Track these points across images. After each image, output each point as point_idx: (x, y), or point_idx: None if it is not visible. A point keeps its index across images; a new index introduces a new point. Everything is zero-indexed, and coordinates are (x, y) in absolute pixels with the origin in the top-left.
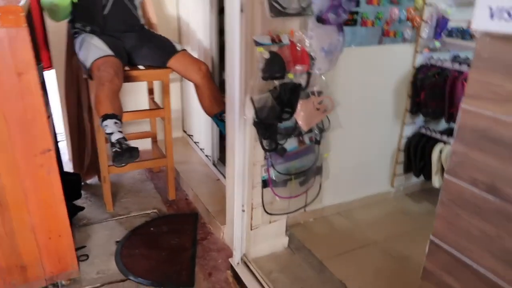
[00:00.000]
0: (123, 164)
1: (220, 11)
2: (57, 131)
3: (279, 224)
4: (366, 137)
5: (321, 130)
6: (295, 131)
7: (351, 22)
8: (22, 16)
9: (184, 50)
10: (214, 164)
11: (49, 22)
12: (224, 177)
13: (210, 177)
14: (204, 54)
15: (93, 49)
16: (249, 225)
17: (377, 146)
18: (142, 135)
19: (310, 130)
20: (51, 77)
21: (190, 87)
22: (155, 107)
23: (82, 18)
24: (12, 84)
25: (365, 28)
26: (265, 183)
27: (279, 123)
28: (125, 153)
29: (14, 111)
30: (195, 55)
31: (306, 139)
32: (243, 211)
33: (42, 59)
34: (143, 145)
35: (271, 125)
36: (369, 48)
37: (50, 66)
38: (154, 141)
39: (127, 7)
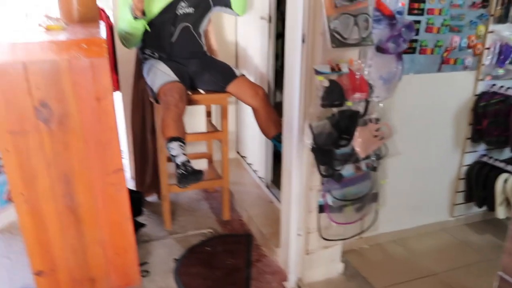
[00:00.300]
0: (187, 186)
1: (277, 37)
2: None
3: (334, 249)
4: (425, 164)
5: (379, 156)
6: (352, 157)
7: (410, 50)
8: (105, 47)
9: (243, 75)
10: (267, 186)
11: (119, 48)
12: (278, 199)
13: (263, 199)
14: (260, 78)
15: (160, 74)
16: (304, 250)
17: (436, 173)
18: (198, 156)
19: (367, 157)
20: (117, 98)
21: (245, 110)
22: (212, 129)
23: (151, 45)
24: (92, 108)
25: (424, 56)
26: (321, 208)
27: (336, 150)
28: (190, 175)
29: (93, 133)
30: (252, 79)
31: (363, 165)
32: (299, 235)
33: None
34: (199, 165)
35: (328, 151)
36: (428, 75)
37: (117, 89)
38: (210, 162)
39: (193, 35)
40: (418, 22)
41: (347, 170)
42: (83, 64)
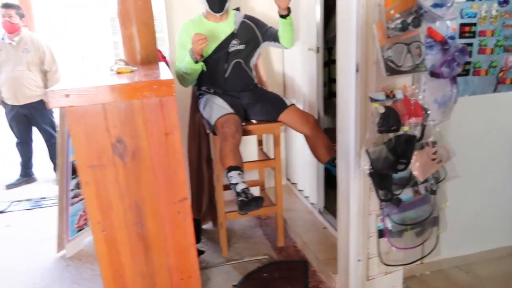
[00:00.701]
0: (248, 212)
1: (324, 65)
2: None
3: (395, 275)
4: (487, 187)
5: (437, 180)
6: (410, 181)
7: (463, 72)
8: (173, 87)
9: (293, 104)
10: (320, 212)
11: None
12: (331, 225)
13: (317, 225)
14: (309, 106)
15: (216, 108)
16: (365, 276)
17: (501, 196)
18: (251, 183)
19: (426, 180)
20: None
21: (294, 137)
22: (264, 157)
23: (207, 82)
24: (161, 142)
25: (478, 78)
26: (381, 233)
27: (394, 174)
28: (251, 202)
29: (161, 165)
30: (301, 107)
31: (422, 189)
32: (359, 260)
33: None
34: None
35: (386, 175)
36: (483, 96)
37: None
38: (262, 189)
39: (244, 70)
40: (470, 44)
41: (406, 194)
42: (154, 103)
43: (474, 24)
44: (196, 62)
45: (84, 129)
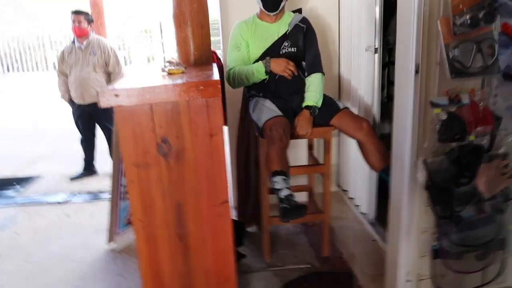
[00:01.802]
0: (290, 220)
1: (382, 66)
2: None
3: None
4: None
5: (507, 197)
6: (474, 197)
7: None
8: (219, 88)
9: (346, 108)
10: (370, 223)
11: (227, 86)
12: (382, 238)
13: (366, 237)
14: (364, 110)
15: (265, 110)
16: None
17: None
18: (299, 188)
19: (493, 197)
20: (225, 133)
21: (348, 142)
22: (314, 162)
23: (257, 84)
24: (205, 143)
25: None
26: (436, 253)
27: (455, 188)
28: (294, 210)
29: (204, 167)
30: (356, 110)
31: (487, 207)
32: (408, 281)
33: None
34: (300, 197)
35: (446, 189)
36: None
37: (225, 124)
38: (311, 195)
39: (296, 72)
40: None
41: (467, 211)
42: (199, 104)
43: None
44: (266, 73)
45: (131, 128)
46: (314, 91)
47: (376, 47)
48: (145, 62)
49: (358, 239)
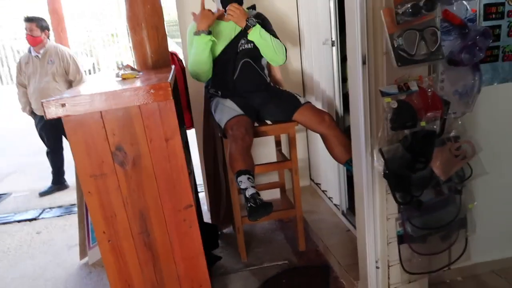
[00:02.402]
0: (257, 219)
1: (343, 59)
2: (198, 183)
3: (420, 283)
4: None
5: (462, 178)
6: (431, 181)
7: (490, 58)
8: (170, 90)
9: (308, 102)
10: (343, 214)
11: (191, 87)
12: (355, 227)
13: (340, 228)
14: (327, 103)
15: (226, 110)
16: (386, 284)
17: None
18: (271, 186)
19: (449, 179)
20: (192, 135)
21: (316, 135)
22: (282, 158)
23: (215, 83)
24: (161, 148)
25: (509, 63)
26: (401, 239)
27: (412, 174)
28: (259, 208)
29: (163, 172)
30: (319, 104)
31: (445, 189)
32: (377, 268)
33: (185, 120)
34: (272, 195)
35: (403, 176)
36: None
37: (191, 126)
38: (283, 190)
39: (255, 69)
40: (498, 26)
41: (427, 195)
42: (151, 108)
43: (502, 4)
44: (206, 34)
45: (83, 138)
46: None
47: (333, 40)
48: (114, 68)
49: (332, 231)
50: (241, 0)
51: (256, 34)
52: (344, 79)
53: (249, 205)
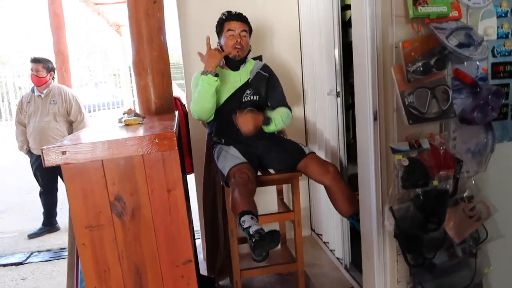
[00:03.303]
0: (264, 254)
1: (347, 109)
2: (195, 228)
3: None
4: None
5: (477, 241)
6: (444, 243)
7: (500, 116)
8: (175, 140)
9: (312, 153)
10: (346, 269)
11: (192, 131)
12: (359, 284)
13: (343, 283)
14: (331, 152)
15: (229, 158)
16: None
17: None
18: None
19: (464, 241)
20: (191, 180)
21: (318, 184)
22: (284, 208)
23: (219, 132)
24: (162, 199)
25: None
26: None
27: (424, 235)
28: (265, 237)
29: (163, 224)
30: (323, 154)
31: (459, 251)
32: None
33: (185, 165)
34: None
35: (415, 237)
36: None
37: (191, 171)
38: (283, 242)
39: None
40: (506, 85)
41: (440, 257)
42: (155, 158)
43: (510, 63)
44: (213, 75)
45: (81, 186)
46: (279, 113)
47: (338, 90)
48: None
49: (335, 286)
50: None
51: (273, 128)
52: (347, 128)
53: (254, 239)
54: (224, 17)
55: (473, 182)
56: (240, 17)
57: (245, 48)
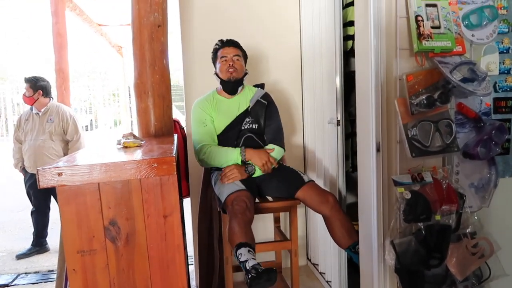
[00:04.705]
0: None
1: (346, 137)
2: (188, 254)
3: None
4: None
5: (480, 279)
6: (446, 280)
7: (502, 150)
8: (174, 165)
9: (312, 181)
10: None
11: (190, 155)
12: None
13: None
14: (330, 181)
15: (227, 184)
16: None
17: None
18: (266, 265)
19: (466, 279)
20: (187, 204)
21: (315, 213)
22: (281, 237)
23: None
24: (158, 225)
25: None
26: None
27: (426, 271)
28: (262, 275)
29: (157, 251)
30: (321, 182)
31: None
32: None
33: (182, 188)
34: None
35: (416, 272)
36: None
37: (187, 195)
38: (279, 271)
39: (257, 143)
40: (508, 120)
41: None
42: (153, 182)
43: (511, 99)
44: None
45: (76, 209)
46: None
47: (338, 119)
48: (111, 126)
49: None
50: (235, 90)
51: (260, 173)
52: (346, 156)
53: (250, 276)
54: (217, 46)
55: (476, 217)
56: (232, 43)
57: (239, 70)
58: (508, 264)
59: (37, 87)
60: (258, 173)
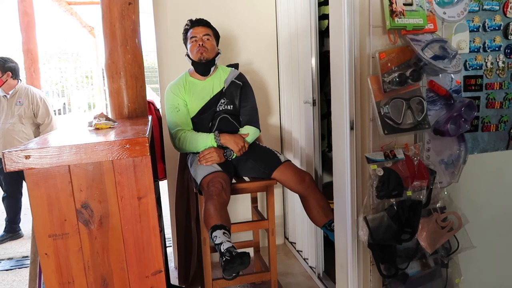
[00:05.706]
0: (234, 274)
1: (322, 117)
2: (166, 236)
3: None
4: (508, 256)
5: (448, 251)
6: (417, 253)
7: (471, 127)
8: (147, 146)
9: (288, 161)
10: (319, 278)
11: (166, 138)
12: None
13: None
14: (306, 161)
15: (203, 166)
16: None
17: None
18: (244, 245)
19: (436, 252)
20: (164, 187)
21: (292, 193)
22: (258, 217)
23: None
24: (132, 207)
25: (488, 133)
26: None
27: (398, 245)
28: (236, 259)
29: (132, 233)
30: (298, 162)
31: (431, 262)
32: None
33: (158, 171)
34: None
35: (388, 247)
36: (496, 154)
37: (164, 177)
38: (257, 250)
39: (233, 124)
40: (478, 98)
41: (413, 268)
42: (125, 164)
43: (481, 77)
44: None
45: (46, 193)
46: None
47: (314, 99)
48: (86, 110)
49: None
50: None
51: (235, 156)
52: (322, 136)
53: (224, 259)
54: (187, 27)
55: (445, 193)
56: (201, 22)
57: (210, 50)
58: (475, 237)
59: (6, 68)
60: (235, 156)
